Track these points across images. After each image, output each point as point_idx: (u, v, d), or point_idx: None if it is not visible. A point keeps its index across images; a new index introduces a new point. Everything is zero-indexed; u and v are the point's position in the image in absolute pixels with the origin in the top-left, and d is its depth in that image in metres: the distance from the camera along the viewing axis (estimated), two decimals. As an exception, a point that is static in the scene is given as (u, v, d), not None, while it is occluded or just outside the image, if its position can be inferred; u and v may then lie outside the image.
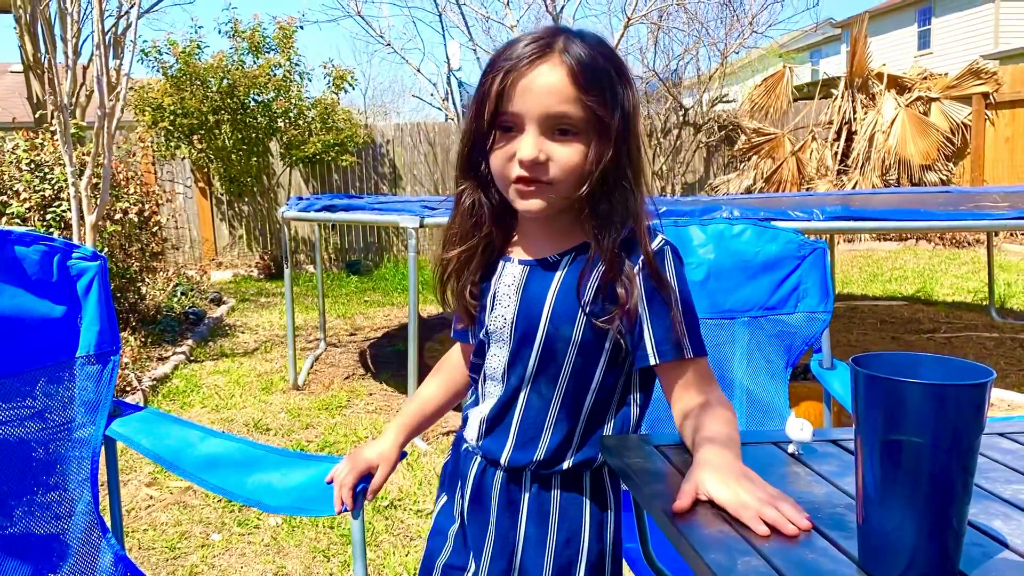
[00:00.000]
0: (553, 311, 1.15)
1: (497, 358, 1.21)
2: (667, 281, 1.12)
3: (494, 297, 1.21)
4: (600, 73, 1.06)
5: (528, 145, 1.07)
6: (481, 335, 1.23)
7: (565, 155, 1.08)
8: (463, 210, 1.21)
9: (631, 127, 1.10)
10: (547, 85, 1.05)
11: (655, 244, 1.14)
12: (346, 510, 1.37)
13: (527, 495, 1.20)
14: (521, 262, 1.20)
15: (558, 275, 1.16)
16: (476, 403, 1.27)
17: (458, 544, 1.29)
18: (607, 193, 1.10)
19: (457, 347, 1.43)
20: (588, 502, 1.21)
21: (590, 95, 1.05)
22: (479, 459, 1.25)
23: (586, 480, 1.21)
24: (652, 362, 1.12)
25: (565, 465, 1.19)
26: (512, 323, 1.18)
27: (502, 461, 1.21)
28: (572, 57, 1.05)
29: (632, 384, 1.21)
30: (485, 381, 1.24)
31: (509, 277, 1.20)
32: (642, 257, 1.12)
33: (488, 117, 1.09)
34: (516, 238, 1.23)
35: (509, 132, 1.10)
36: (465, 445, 1.28)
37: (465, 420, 1.30)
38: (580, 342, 1.15)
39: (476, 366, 1.29)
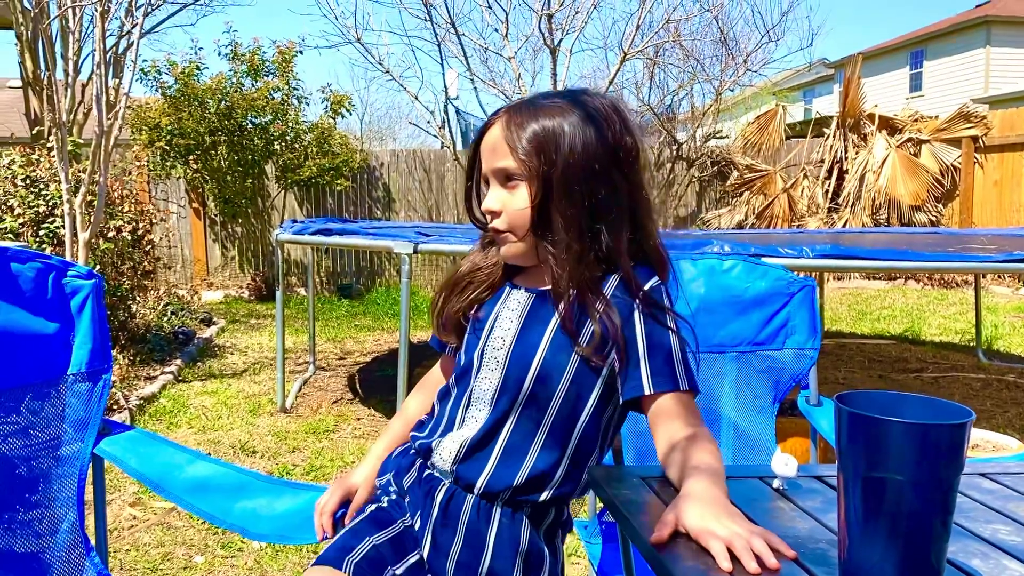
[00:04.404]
0: (553, 339, 1.19)
1: (488, 380, 1.23)
2: (664, 317, 1.18)
3: (496, 319, 1.25)
4: (531, 126, 1.17)
5: (487, 198, 1.23)
6: (474, 355, 1.25)
7: (510, 201, 1.19)
8: (480, 244, 1.33)
9: (581, 173, 1.16)
10: (490, 144, 1.21)
11: (651, 282, 1.20)
12: (327, 537, 1.37)
13: (496, 526, 1.21)
14: (528, 290, 1.25)
15: (563, 305, 1.19)
16: (449, 430, 1.26)
17: (402, 543, 1.26)
18: (558, 232, 1.17)
19: (438, 365, 1.46)
20: (546, 543, 1.24)
21: (521, 145, 1.16)
22: (448, 484, 1.24)
23: (549, 517, 1.24)
24: (646, 392, 1.15)
25: (541, 496, 1.21)
26: (510, 346, 1.22)
27: (477, 485, 1.21)
28: (509, 115, 1.20)
29: (615, 423, 1.25)
30: (468, 406, 1.25)
31: (514, 302, 1.26)
32: (640, 293, 1.18)
33: (476, 178, 1.28)
34: (526, 270, 1.28)
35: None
36: (428, 471, 1.27)
37: (425, 447, 1.28)
38: (575, 372, 1.19)
39: (447, 393, 1.30)
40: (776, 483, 1.10)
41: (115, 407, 4.23)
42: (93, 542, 1.61)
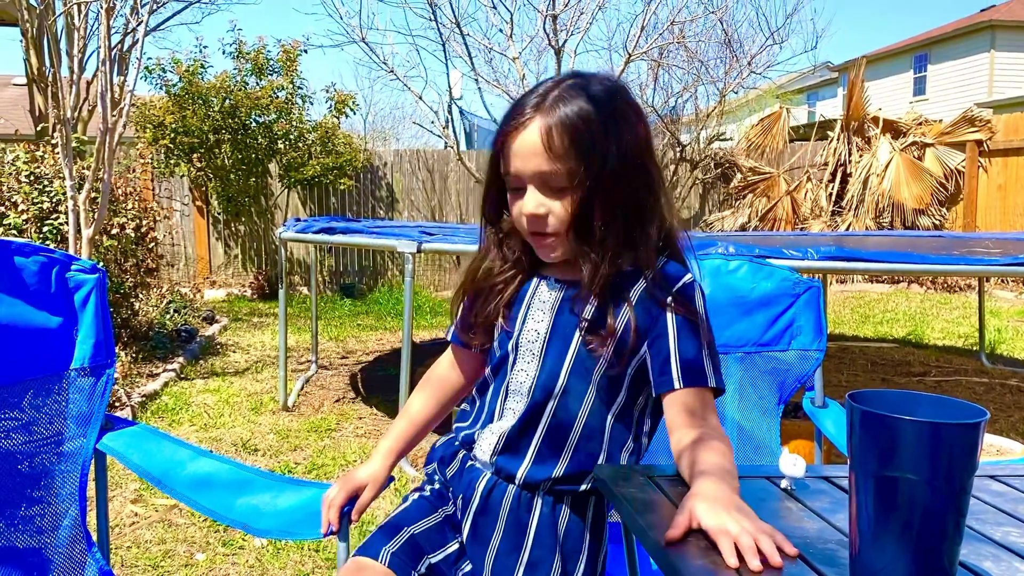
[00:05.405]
0: (587, 330, 1.19)
1: (525, 373, 1.24)
2: (696, 313, 1.18)
3: (527, 311, 1.25)
4: (575, 129, 1.13)
5: (529, 202, 1.17)
6: (508, 348, 1.26)
7: (559, 209, 1.16)
8: (490, 243, 1.29)
9: (622, 170, 1.15)
10: (530, 148, 1.15)
11: (685, 279, 1.20)
12: (332, 532, 1.37)
13: (537, 515, 1.22)
14: (557, 281, 1.25)
15: (594, 297, 1.19)
16: (489, 421, 1.27)
17: (443, 535, 1.29)
18: (599, 232, 1.16)
19: (442, 360, 1.45)
20: (587, 532, 1.24)
21: (566, 153, 1.13)
22: (489, 475, 1.25)
23: (590, 507, 1.24)
24: (676, 386, 1.15)
25: (581, 487, 1.22)
26: (545, 337, 1.22)
27: (518, 476, 1.22)
28: (550, 118, 1.14)
29: (649, 413, 1.24)
30: (507, 397, 1.26)
31: (545, 294, 1.25)
32: (675, 287, 1.18)
33: (500, 175, 1.21)
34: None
35: (518, 191, 1.19)
36: (471, 462, 1.29)
37: (469, 438, 1.30)
38: (607, 366, 1.19)
39: (485, 385, 1.31)
40: (784, 483, 1.10)
41: (117, 404, 4.22)
42: (95, 538, 1.60)
